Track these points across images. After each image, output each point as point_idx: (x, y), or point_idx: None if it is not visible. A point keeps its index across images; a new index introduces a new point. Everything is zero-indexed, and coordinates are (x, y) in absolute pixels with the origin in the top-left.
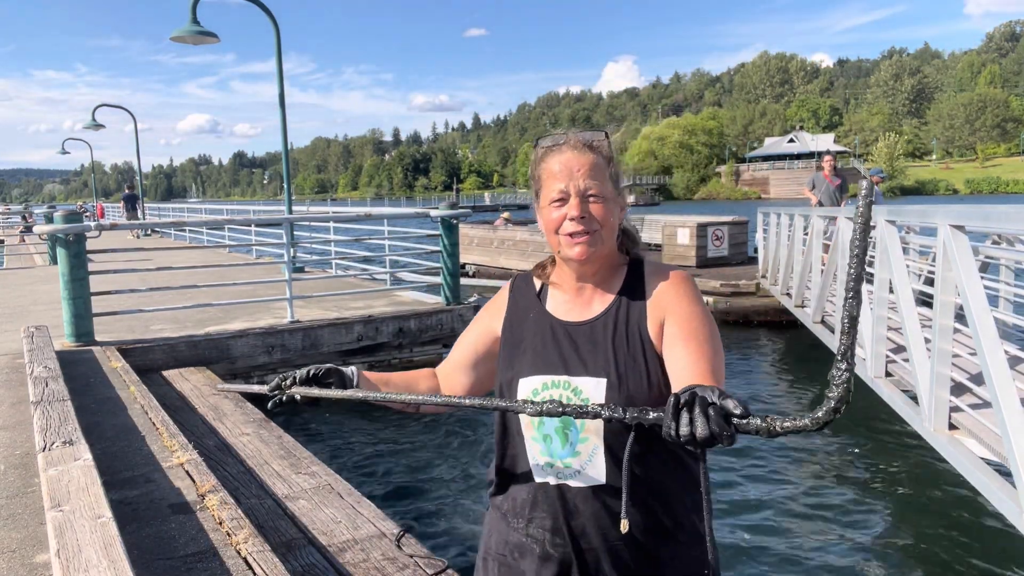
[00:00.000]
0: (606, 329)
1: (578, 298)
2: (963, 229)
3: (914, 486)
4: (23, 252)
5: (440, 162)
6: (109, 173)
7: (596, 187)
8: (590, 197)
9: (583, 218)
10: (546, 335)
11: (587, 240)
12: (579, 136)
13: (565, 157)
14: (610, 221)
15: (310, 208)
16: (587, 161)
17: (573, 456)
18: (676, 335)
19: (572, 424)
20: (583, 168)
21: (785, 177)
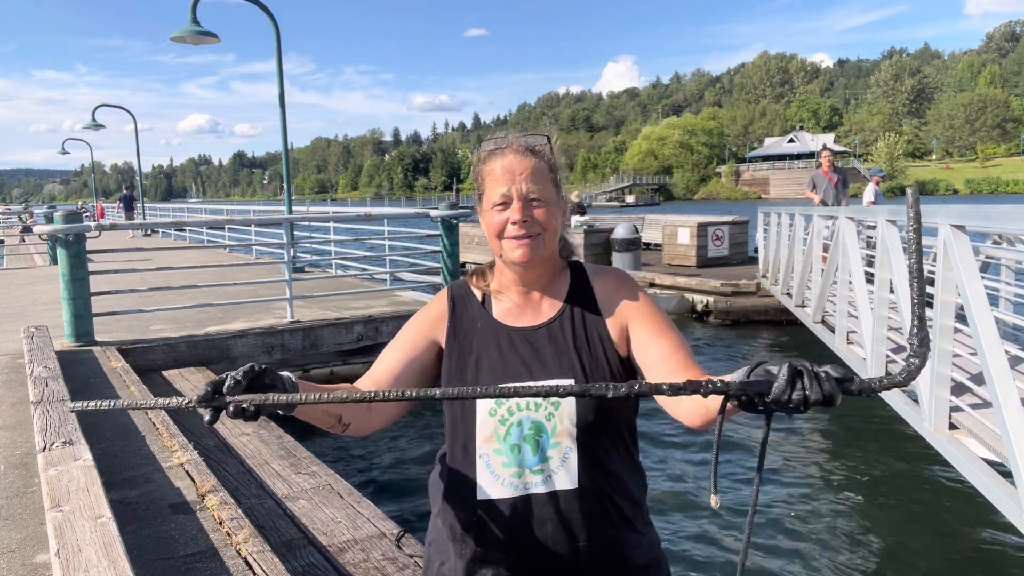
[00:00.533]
0: (564, 331)
1: (526, 304)
2: (963, 229)
3: (914, 486)
4: (23, 252)
5: (440, 162)
6: (109, 173)
7: (538, 191)
8: (532, 201)
9: (525, 222)
10: (502, 343)
11: (529, 243)
12: (521, 140)
13: (507, 161)
14: (552, 225)
15: (310, 208)
16: (529, 165)
17: (544, 462)
18: (648, 335)
19: (544, 429)
20: (525, 172)
21: (785, 177)
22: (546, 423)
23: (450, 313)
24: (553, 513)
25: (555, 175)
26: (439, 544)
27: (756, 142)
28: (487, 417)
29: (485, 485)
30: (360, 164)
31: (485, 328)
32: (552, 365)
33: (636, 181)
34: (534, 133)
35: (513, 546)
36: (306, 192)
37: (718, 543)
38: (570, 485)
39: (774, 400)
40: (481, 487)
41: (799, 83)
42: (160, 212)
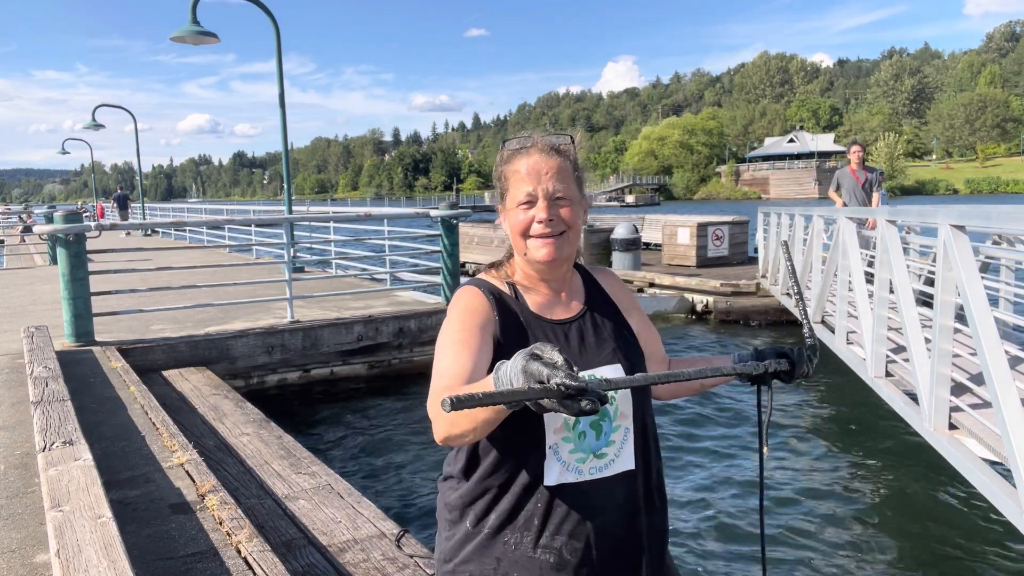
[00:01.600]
0: (598, 324)
1: (555, 299)
2: (963, 229)
3: (914, 486)
4: (23, 252)
5: (440, 162)
6: (109, 173)
7: (563, 190)
8: (558, 200)
9: (551, 220)
10: (548, 335)
11: (555, 242)
12: (546, 139)
13: (533, 160)
14: (577, 223)
15: (310, 208)
16: (554, 164)
17: (608, 446)
18: (641, 326)
19: (606, 413)
20: (551, 171)
21: (785, 177)
22: (608, 407)
23: (496, 310)
24: (616, 496)
25: (579, 174)
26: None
27: (756, 142)
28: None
29: (554, 474)
30: (360, 164)
31: (530, 321)
32: (600, 355)
33: (636, 181)
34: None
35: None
36: (306, 192)
37: (726, 532)
38: (630, 466)
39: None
40: (549, 476)
41: (799, 83)
42: (160, 212)
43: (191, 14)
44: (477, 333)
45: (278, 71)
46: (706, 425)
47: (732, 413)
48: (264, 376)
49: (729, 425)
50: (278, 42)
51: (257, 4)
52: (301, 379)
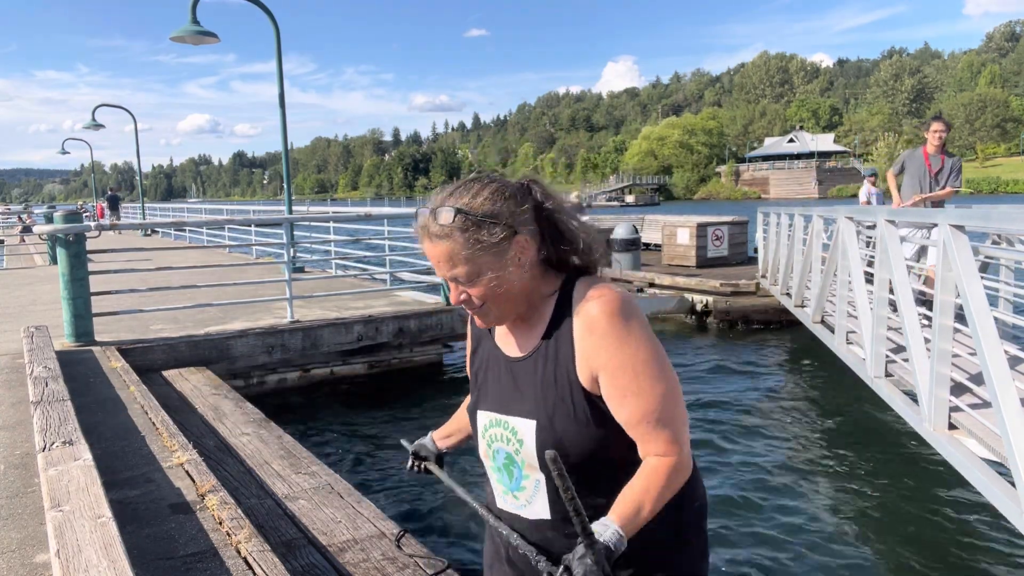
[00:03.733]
0: (536, 369)
1: (513, 331)
2: (963, 229)
3: (914, 486)
4: (23, 252)
5: (440, 162)
6: (109, 173)
7: (460, 272)
8: (459, 281)
9: (465, 301)
10: (494, 369)
11: (479, 313)
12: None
13: (426, 246)
14: (491, 293)
15: (310, 208)
16: (443, 251)
17: (520, 491)
18: (615, 394)
19: (515, 461)
20: (440, 259)
21: (785, 177)
22: (516, 456)
23: (472, 336)
24: (533, 536)
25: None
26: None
27: (756, 142)
28: (480, 437)
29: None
30: (360, 164)
31: (490, 352)
32: (522, 405)
33: (636, 181)
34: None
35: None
36: (306, 192)
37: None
38: (544, 515)
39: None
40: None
41: (799, 83)
42: (160, 212)
43: (191, 14)
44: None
45: (278, 71)
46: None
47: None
48: (264, 376)
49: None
50: (278, 42)
51: (257, 4)
52: (301, 379)
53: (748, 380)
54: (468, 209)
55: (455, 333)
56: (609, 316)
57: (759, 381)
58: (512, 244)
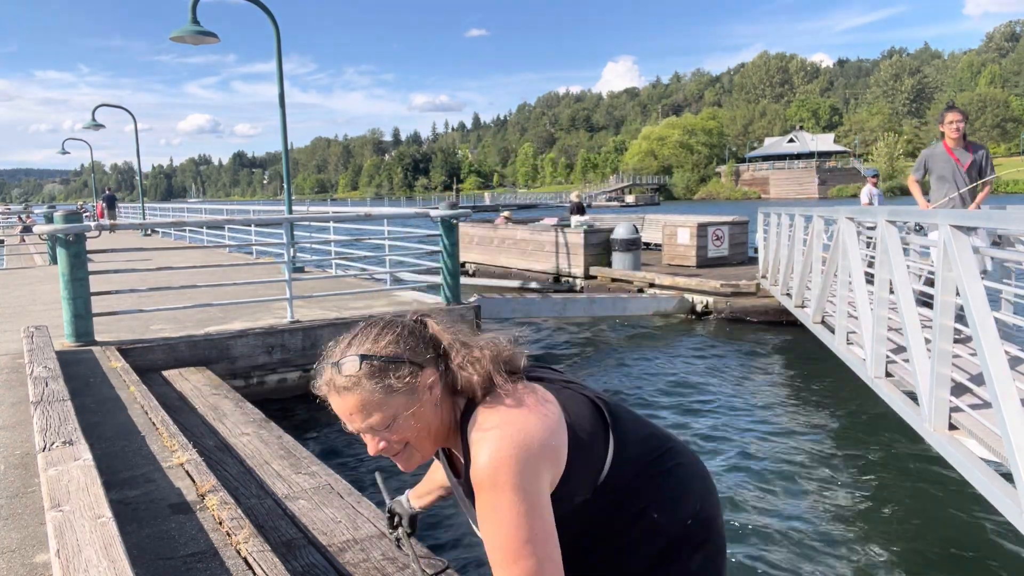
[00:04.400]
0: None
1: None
2: (963, 229)
3: (914, 486)
4: (23, 252)
5: (440, 162)
6: (109, 173)
7: (376, 421)
8: (375, 431)
9: (384, 449)
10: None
11: (400, 460)
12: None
13: (333, 402)
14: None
15: (310, 208)
16: (353, 403)
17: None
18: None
19: None
20: (353, 412)
21: (785, 177)
22: None
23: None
24: None
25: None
26: None
27: (756, 142)
28: None
29: None
30: (360, 164)
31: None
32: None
33: (636, 181)
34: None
35: None
36: (306, 192)
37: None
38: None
39: None
40: None
41: (799, 83)
42: (160, 212)
43: (191, 14)
44: None
45: (278, 71)
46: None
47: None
48: (264, 376)
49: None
50: (278, 42)
51: (257, 4)
52: (301, 379)
53: (748, 380)
54: (372, 354)
55: None
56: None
57: (759, 381)
58: (420, 380)
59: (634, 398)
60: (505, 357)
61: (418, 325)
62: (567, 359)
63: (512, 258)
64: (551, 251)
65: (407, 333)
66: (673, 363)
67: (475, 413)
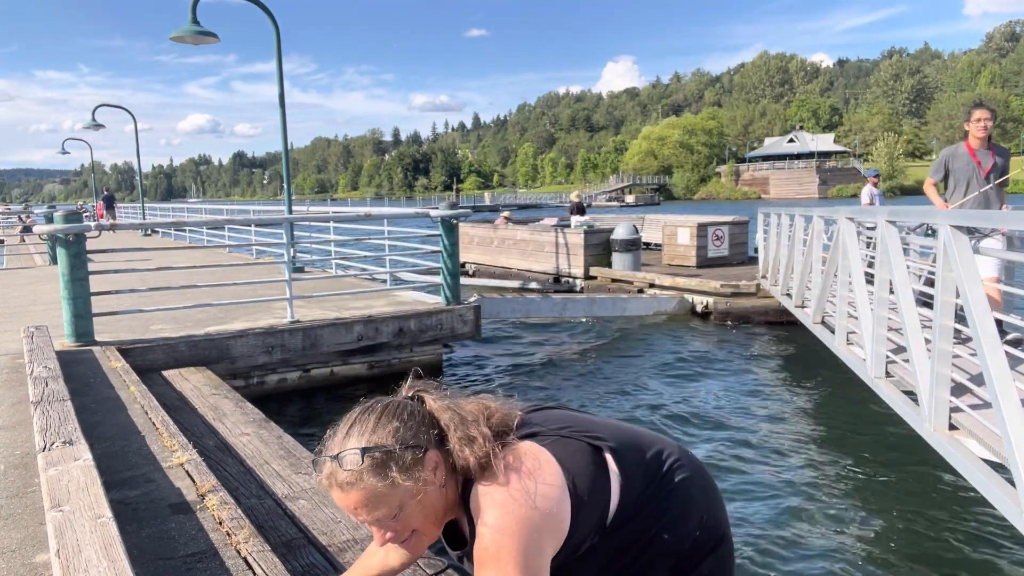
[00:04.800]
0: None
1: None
2: (963, 229)
3: (914, 487)
4: (23, 252)
5: (440, 162)
6: (109, 173)
7: (383, 514)
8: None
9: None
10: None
11: (408, 547)
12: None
13: (335, 497)
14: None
15: (310, 208)
16: (358, 498)
17: None
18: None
19: None
20: (358, 507)
21: (785, 177)
22: None
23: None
24: None
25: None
26: None
27: (756, 142)
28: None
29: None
30: (360, 164)
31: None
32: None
33: (636, 181)
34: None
35: None
36: (306, 192)
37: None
38: None
39: None
40: None
41: (799, 83)
42: (160, 212)
43: (191, 14)
44: None
45: (278, 71)
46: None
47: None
48: (264, 376)
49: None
50: (278, 42)
51: (257, 4)
52: (301, 379)
53: (748, 381)
54: (373, 445)
55: (455, 333)
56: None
57: (759, 382)
58: (425, 465)
59: (634, 399)
60: (496, 421)
61: (416, 404)
62: (567, 360)
63: (512, 258)
64: (551, 251)
65: (407, 416)
66: (673, 364)
67: (474, 491)
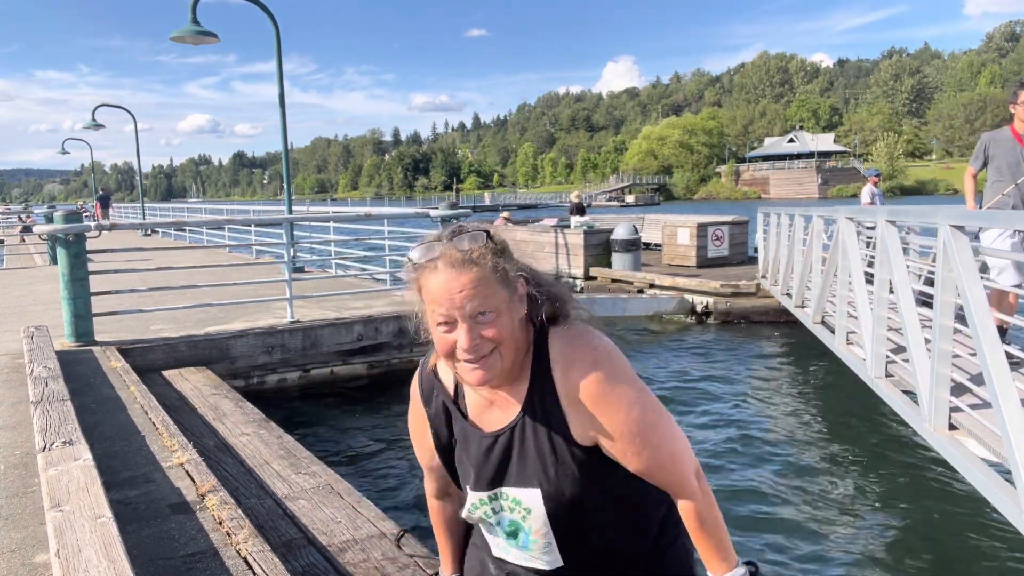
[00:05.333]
0: (527, 437)
1: (492, 403)
2: (963, 229)
3: (914, 486)
4: (23, 252)
5: (440, 162)
6: (109, 173)
7: (485, 303)
8: (481, 317)
9: (475, 345)
10: (478, 447)
11: (484, 364)
12: (456, 248)
13: (443, 278)
14: (507, 333)
15: (310, 208)
16: (469, 279)
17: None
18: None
19: (521, 528)
20: (465, 288)
21: (785, 177)
22: (522, 523)
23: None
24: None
25: (503, 270)
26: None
27: (756, 142)
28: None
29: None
30: (360, 164)
31: (462, 429)
32: (519, 474)
33: (636, 181)
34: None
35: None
36: (306, 192)
37: None
38: (555, 565)
39: None
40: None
41: (799, 83)
42: (160, 212)
43: (191, 14)
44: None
45: (278, 71)
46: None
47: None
48: (264, 376)
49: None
50: (278, 42)
51: (257, 4)
52: (301, 379)
53: (748, 380)
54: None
55: None
56: (598, 383)
57: (759, 381)
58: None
59: None
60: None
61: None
62: None
63: None
64: (551, 252)
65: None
66: (673, 364)
67: (551, 336)
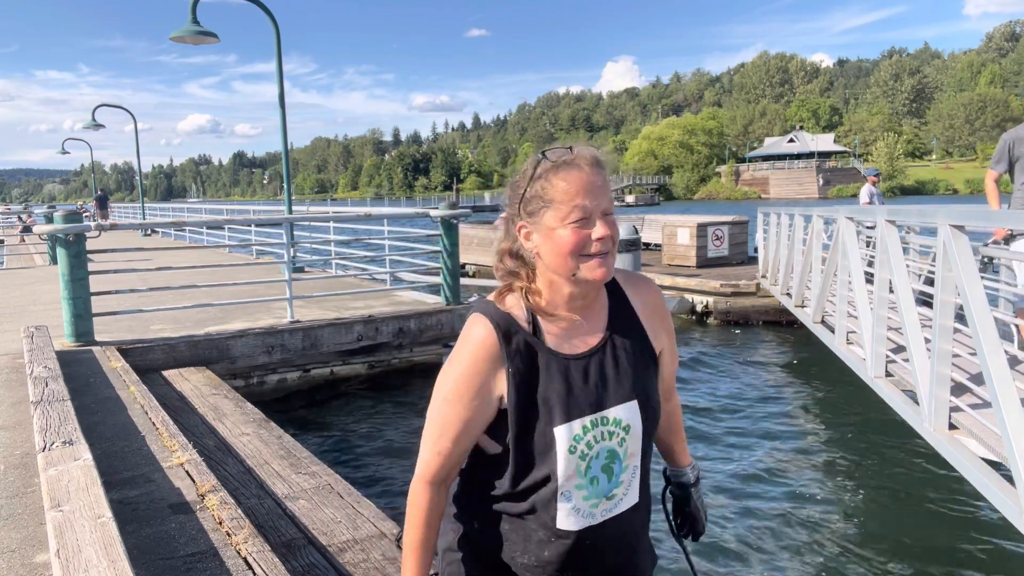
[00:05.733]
0: (619, 354)
1: (573, 325)
2: (963, 229)
3: (914, 486)
4: (23, 252)
5: (440, 162)
6: (109, 173)
7: (610, 205)
8: (607, 216)
9: (608, 236)
10: (568, 375)
11: (608, 260)
12: (591, 153)
13: (583, 176)
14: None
15: (310, 208)
16: (602, 179)
17: (618, 487)
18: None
19: (617, 456)
20: (603, 187)
21: (785, 177)
22: (619, 448)
23: (506, 355)
24: (622, 533)
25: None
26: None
27: (756, 142)
28: (568, 455)
29: (563, 517)
30: (360, 164)
31: (546, 361)
32: (619, 391)
33: (636, 181)
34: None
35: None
36: (306, 192)
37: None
38: (634, 500)
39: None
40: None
41: (799, 83)
42: (160, 212)
43: (191, 14)
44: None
45: (278, 71)
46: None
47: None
48: (264, 376)
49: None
50: (278, 42)
51: (257, 4)
52: (301, 379)
53: (748, 380)
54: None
55: (455, 333)
56: (659, 296)
57: (759, 381)
58: None
59: None
60: None
61: None
62: None
63: None
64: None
65: None
66: None
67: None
